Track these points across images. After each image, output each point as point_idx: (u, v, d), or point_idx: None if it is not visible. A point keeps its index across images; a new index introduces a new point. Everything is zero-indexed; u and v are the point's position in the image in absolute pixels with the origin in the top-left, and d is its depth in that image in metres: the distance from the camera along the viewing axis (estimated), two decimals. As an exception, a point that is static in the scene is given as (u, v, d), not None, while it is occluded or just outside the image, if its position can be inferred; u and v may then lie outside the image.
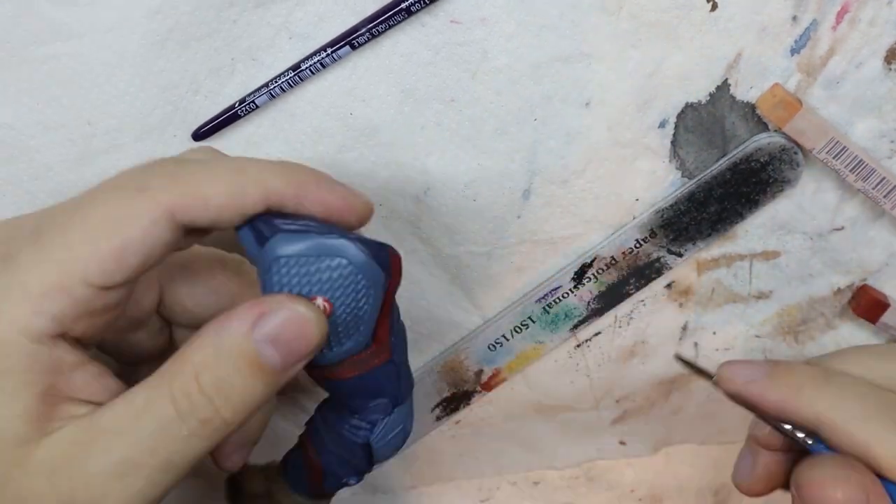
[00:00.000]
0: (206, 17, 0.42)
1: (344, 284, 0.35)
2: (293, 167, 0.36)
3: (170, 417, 0.33)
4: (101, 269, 0.33)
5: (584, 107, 0.45)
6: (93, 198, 0.34)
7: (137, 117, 0.43)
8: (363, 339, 0.37)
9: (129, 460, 0.32)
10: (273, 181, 0.34)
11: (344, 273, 0.35)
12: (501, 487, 0.58)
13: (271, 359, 0.33)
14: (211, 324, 0.34)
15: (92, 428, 0.33)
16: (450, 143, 0.45)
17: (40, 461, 0.33)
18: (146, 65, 0.42)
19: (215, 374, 0.33)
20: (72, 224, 0.33)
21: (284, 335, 0.33)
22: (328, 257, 0.34)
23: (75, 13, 0.41)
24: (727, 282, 0.50)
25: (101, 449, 0.33)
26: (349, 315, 0.35)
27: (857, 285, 0.50)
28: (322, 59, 0.42)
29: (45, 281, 0.32)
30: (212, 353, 0.33)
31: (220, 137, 0.44)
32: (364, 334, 0.36)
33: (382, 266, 0.36)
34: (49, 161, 0.44)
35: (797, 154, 0.45)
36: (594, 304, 0.50)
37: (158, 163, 0.35)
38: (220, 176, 0.34)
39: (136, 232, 0.33)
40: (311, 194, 0.35)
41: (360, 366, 0.37)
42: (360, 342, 0.37)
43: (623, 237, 0.48)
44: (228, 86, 0.44)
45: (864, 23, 0.43)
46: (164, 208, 0.33)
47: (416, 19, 0.42)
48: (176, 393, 0.33)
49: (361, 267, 0.35)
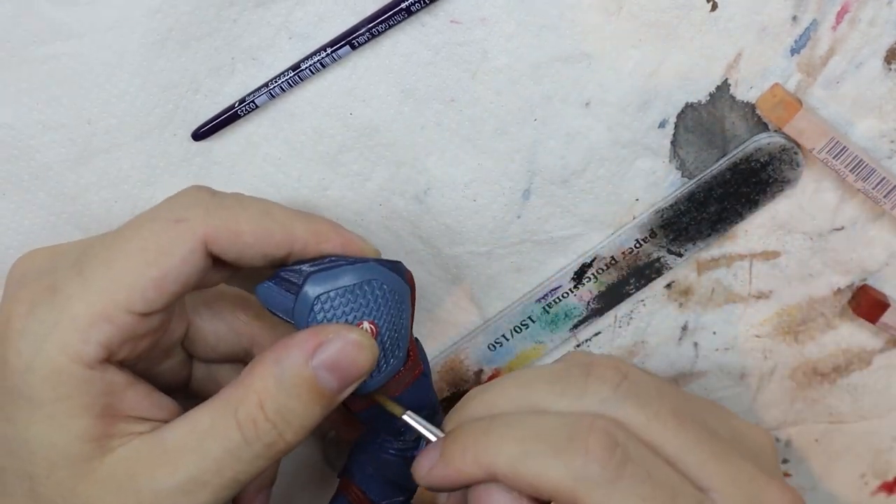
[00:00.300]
0: (206, 17, 0.42)
1: (383, 304, 0.37)
2: (311, 216, 0.38)
3: (237, 441, 0.35)
4: (143, 297, 0.35)
5: (584, 107, 0.45)
6: (132, 229, 0.37)
7: (137, 116, 0.43)
8: (402, 354, 0.39)
9: (196, 479, 0.35)
10: (297, 227, 0.37)
11: (380, 294, 0.37)
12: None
13: (329, 384, 0.36)
14: (269, 353, 0.36)
15: (157, 446, 0.36)
16: (450, 143, 0.45)
17: (106, 476, 0.35)
18: (146, 64, 0.42)
19: (278, 402, 0.36)
20: (113, 255, 0.36)
21: (341, 361, 0.36)
22: (364, 283, 0.37)
23: (75, 13, 0.41)
24: (727, 282, 0.50)
25: (168, 466, 0.35)
26: (392, 333, 0.38)
27: (857, 285, 0.50)
28: (322, 59, 0.42)
29: (92, 311, 0.35)
30: (273, 382, 0.36)
31: (220, 137, 0.44)
32: (403, 349, 0.38)
33: (405, 278, 0.38)
34: (49, 161, 0.44)
35: (797, 154, 0.45)
36: (594, 303, 0.50)
37: (193, 193, 0.38)
38: (251, 214, 0.37)
39: (174, 261, 0.36)
40: (329, 239, 0.38)
41: (401, 383, 0.39)
42: (401, 358, 0.39)
43: (623, 237, 0.48)
44: (228, 85, 0.44)
45: (864, 23, 0.43)
46: (198, 239, 0.36)
47: (415, 19, 0.42)
48: (242, 419, 0.35)
49: (393, 285, 0.37)
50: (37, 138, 0.43)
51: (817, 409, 0.54)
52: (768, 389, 0.53)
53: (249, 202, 0.38)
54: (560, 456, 0.33)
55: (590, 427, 0.34)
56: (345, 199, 0.46)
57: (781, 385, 0.53)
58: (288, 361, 0.36)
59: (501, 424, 0.35)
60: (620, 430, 0.34)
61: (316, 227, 0.38)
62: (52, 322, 0.35)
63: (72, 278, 0.35)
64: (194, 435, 0.36)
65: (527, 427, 0.35)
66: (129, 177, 0.45)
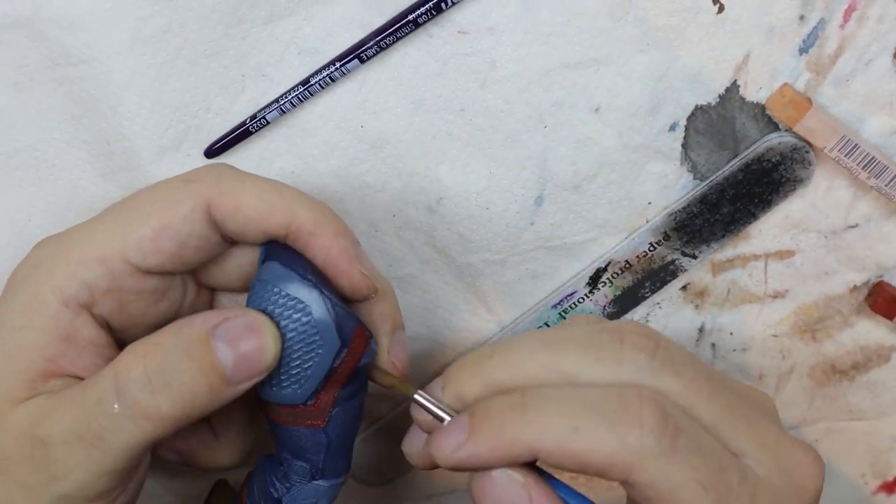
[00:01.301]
0: (214, 35, 0.42)
1: (300, 332, 0.36)
2: (322, 207, 0.38)
3: (107, 392, 0.33)
4: (139, 247, 0.36)
5: (594, 112, 0.45)
6: (149, 187, 0.38)
7: (151, 139, 0.44)
8: (302, 393, 0.37)
9: (70, 431, 0.34)
10: (301, 212, 0.37)
11: (303, 322, 0.35)
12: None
13: (223, 358, 0.34)
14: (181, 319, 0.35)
15: (54, 398, 0.35)
16: (461, 152, 0.45)
17: (13, 422, 0.35)
18: (157, 85, 0.43)
19: (164, 359, 0.34)
20: (120, 208, 0.37)
21: (241, 341, 0.34)
22: (298, 302, 0.35)
23: (83, 38, 0.42)
24: (742, 282, 0.50)
25: (54, 418, 0.34)
26: (295, 363, 0.36)
27: (873, 282, 0.50)
28: (331, 73, 0.43)
29: (86, 251, 0.36)
30: (170, 338, 0.34)
31: (233, 154, 0.45)
32: (304, 389, 0.36)
33: (342, 336, 0.36)
34: (74, 180, 0.44)
35: (808, 153, 0.45)
36: (610, 308, 0.50)
37: (213, 165, 0.39)
38: (258, 188, 0.37)
39: (175, 216, 0.36)
40: (323, 238, 0.37)
41: (291, 418, 0.37)
42: (298, 396, 0.37)
43: (637, 241, 0.48)
44: (239, 102, 0.44)
45: (873, 20, 0.43)
46: (203, 199, 0.36)
47: (423, 31, 0.43)
48: (119, 369, 0.34)
49: (319, 325, 0.35)
50: (61, 157, 0.44)
51: (837, 406, 0.54)
52: (787, 388, 0.53)
53: (261, 179, 0.38)
54: (614, 430, 0.32)
55: (639, 398, 0.32)
56: (358, 211, 0.47)
57: (800, 384, 0.53)
58: (189, 323, 0.35)
59: (542, 398, 0.33)
60: (666, 399, 0.33)
61: (317, 218, 0.37)
62: (49, 255, 0.36)
63: (80, 227, 0.37)
64: (81, 387, 0.35)
65: (572, 400, 0.33)
66: (146, 197, 0.45)
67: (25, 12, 0.41)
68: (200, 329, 0.34)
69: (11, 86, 0.43)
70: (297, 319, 0.35)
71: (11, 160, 0.44)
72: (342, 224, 0.38)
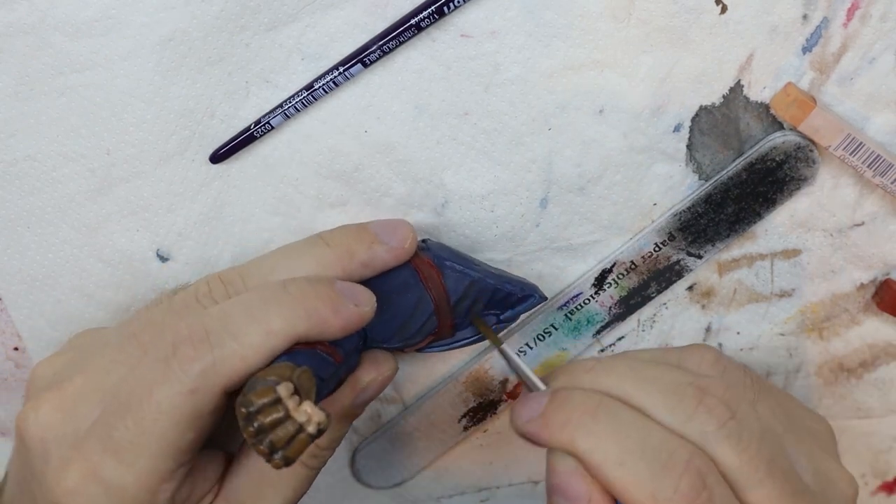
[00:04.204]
0: (218, 43, 0.42)
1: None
2: (314, 301, 0.38)
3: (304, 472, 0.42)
4: (187, 454, 0.37)
5: (598, 114, 0.45)
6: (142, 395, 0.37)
7: (155, 144, 0.44)
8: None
9: None
10: (299, 328, 0.37)
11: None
12: (501, 487, 0.58)
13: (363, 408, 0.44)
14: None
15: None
16: (465, 156, 0.45)
17: None
18: (161, 92, 0.43)
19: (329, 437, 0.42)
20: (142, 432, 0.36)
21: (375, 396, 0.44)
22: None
23: (90, 44, 0.42)
24: (749, 282, 0.50)
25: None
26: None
27: (880, 280, 0.50)
28: (334, 78, 0.43)
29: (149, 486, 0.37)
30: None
31: (238, 160, 0.45)
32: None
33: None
34: (71, 192, 0.44)
35: (812, 151, 0.45)
36: (616, 308, 0.50)
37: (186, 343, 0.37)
38: (252, 345, 0.37)
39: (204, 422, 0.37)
40: (329, 329, 0.38)
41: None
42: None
43: (642, 241, 0.48)
44: (243, 108, 0.44)
45: (876, 18, 0.43)
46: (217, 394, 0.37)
47: (426, 35, 0.43)
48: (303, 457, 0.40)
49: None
50: (58, 169, 0.44)
51: (845, 404, 0.54)
52: (795, 387, 0.53)
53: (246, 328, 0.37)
54: (652, 480, 0.35)
55: (686, 464, 0.35)
56: (364, 216, 0.47)
57: (808, 382, 0.53)
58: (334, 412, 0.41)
59: (609, 416, 0.37)
60: (712, 470, 0.36)
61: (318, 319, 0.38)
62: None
63: (112, 464, 0.37)
64: (264, 484, 0.41)
65: (633, 434, 0.36)
66: (150, 205, 0.45)
67: (30, 20, 0.41)
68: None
69: (13, 95, 0.43)
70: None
71: (11, 169, 0.44)
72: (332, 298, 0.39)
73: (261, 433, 0.33)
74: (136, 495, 0.37)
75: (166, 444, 0.36)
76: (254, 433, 0.33)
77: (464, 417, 0.53)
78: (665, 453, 0.35)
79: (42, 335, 0.49)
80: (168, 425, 0.36)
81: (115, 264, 0.46)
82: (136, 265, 0.47)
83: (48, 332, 0.49)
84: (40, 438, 0.38)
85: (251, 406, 0.33)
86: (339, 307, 0.39)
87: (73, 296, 0.47)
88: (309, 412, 0.33)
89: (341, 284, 0.40)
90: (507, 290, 0.45)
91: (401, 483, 0.56)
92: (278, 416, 0.33)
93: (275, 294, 0.38)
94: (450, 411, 0.53)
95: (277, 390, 0.33)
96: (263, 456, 0.33)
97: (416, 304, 0.43)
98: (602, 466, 0.36)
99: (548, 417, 0.37)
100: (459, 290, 0.44)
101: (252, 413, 0.33)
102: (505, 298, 0.45)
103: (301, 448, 0.33)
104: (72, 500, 0.37)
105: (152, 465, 0.36)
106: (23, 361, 0.50)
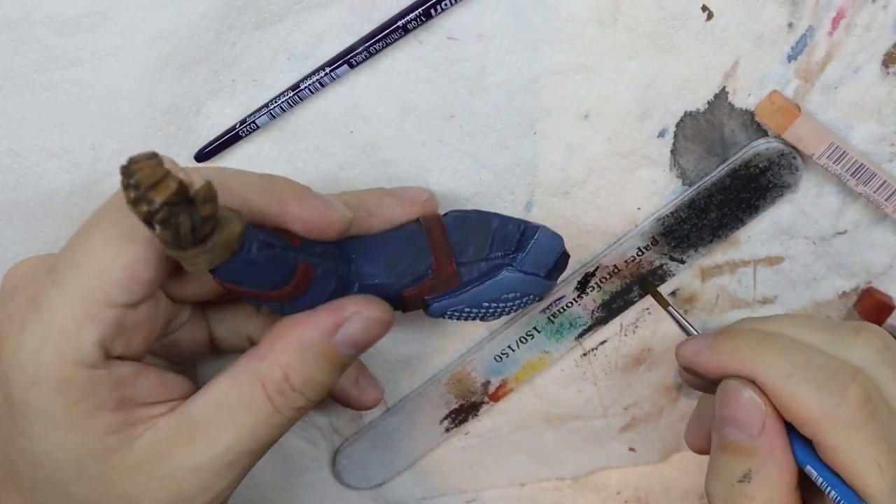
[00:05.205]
0: (205, 41, 0.42)
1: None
2: (274, 182, 0.38)
3: (268, 411, 0.38)
4: (120, 289, 0.35)
5: (584, 119, 0.45)
6: (93, 223, 0.36)
7: (141, 140, 0.44)
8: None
9: (233, 449, 0.37)
10: (257, 199, 0.37)
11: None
12: (482, 490, 0.58)
13: (349, 354, 0.39)
14: (291, 329, 0.38)
15: (185, 423, 0.37)
16: (450, 158, 0.45)
17: (139, 461, 0.37)
18: (148, 89, 0.43)
19: (303, 374, 0.38)
20: (81, 254, 0.36)
21: (361, 338, 0.39)
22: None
23: (76, 40, 0.42)
24: (731, 288, 0.50)
25: (203, 441, 0.37)
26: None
27: (861, 288, 0.51)
28: (321, 79, 0.43)
29: (75, 316, 0.35)
30: (297, 357, 0.38)
31: (223, 158, 0.45)
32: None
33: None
34: (55, 187, 0.44)
35: (795, 159, 0.45)
36: (598, 312, 0.50)
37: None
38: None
39: (139, 248, 0.35)
40: (291, 212, 0.37)
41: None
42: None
43: (625, 246, 0.48)
44: (229, 107, 0.44)
45: (861, 27, 0.43)
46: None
47: (413, 37, 0.43)
48: (271, 392, 0.38)
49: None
50: (41, 165, 0.44)
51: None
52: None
53: (204, 172, 0.36)
54: (821, 389, 0.37)
55: (853, 375, 0.37)
56: (348, 216, 0.47)
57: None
58: (310, 339, 0.38)
59: (776, 341, 0.39)
60: (876, 388, 0.37)
61: (279, 198, 0.37)
62: (43, 334, 0.35)
63: (48, 288, 0.36)
64: (224, 409, 0.38)
65: (799, 353, 0.38)
66: (134, 200, 0.45)
67: (14, 15, 0.41)
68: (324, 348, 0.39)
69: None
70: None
71: (-6, 162, 0.44)
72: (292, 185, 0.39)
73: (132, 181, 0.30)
74: (61, 323, 0.35)
75: (96, 265, 0.35)
76: (126, 183, 0.30)
77: (445, 419, 0.53)
78: (831, 369, 0.37)
79: (24, 330, 0.49)
80: (100, 241, 0.35)
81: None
82: (119, 261, 0.47)
83: (30, 328, 0.49)
84: (10, 284, 0.39)
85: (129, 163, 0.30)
86: (305, 197, 0.38)
87: (56, 291, 0.47)
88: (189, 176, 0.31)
89: (320, 193, 0.39)
90: (510, 227, 0.42)
91: (381, 484, 0.56)
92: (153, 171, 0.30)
93: (245, 171, 0.38)
94: (431, 413, 0.53)
95: (158, 155, 0.31)
96: (132, 205, 0.30)
97: (408, 236, 0.41)
98: (772, 381, 0.37)
99: (717, 346, 0.40)
100: (457, 223, 0.42)
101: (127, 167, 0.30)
102: (509, 236, 0.42)
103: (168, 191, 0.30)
104: (8, 326, 0.36)
105: (80, 288, 0.35)
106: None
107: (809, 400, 0.37)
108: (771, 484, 0.38)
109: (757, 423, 0.38)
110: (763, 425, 0.38)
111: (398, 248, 0.41)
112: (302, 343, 0.38)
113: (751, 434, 0.38)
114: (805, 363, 0.38)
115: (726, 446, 0.39)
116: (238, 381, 0.38)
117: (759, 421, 0.38)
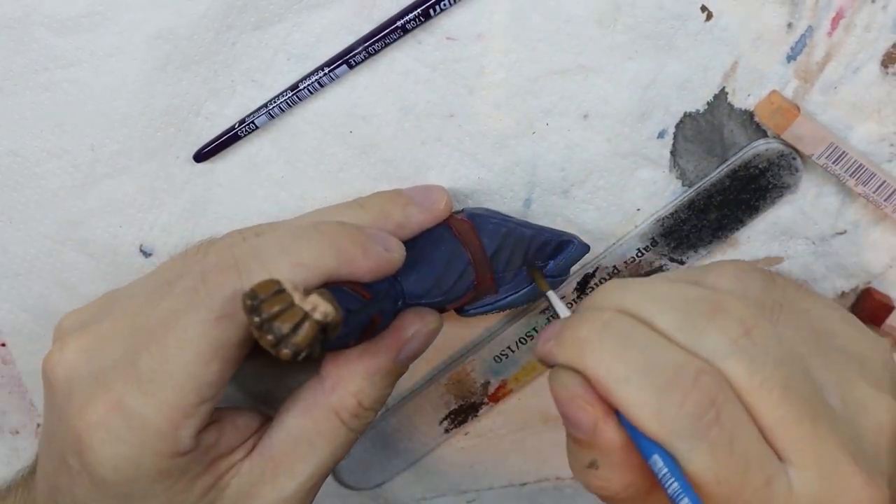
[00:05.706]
0: (204, 41, 0.42)
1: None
2: (337, 240, 0.38)
3: (345, 435, 0.41)
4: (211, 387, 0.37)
5: (583, 119, 0.45)
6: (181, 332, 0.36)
7: (140, 140, 0.44)
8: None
9: (315, 475, 0.40)
10: (328, 264, 0.37)
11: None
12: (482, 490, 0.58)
13: (409, 364, 0.43)
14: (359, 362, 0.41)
15: (267, 462, 0.40)
16: (450, 158, 0.45)
17: None
18: (147, 89, 0.43)
19: (373, 396, 0.41)
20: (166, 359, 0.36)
21: (421, 350, 0.43)
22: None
23: (75, 40, 0.42)
24: (731, 288, 0.50)
25: (286, 474, 0.40)
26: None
27: (861, 289, 0.50)
28: (320, 79, 0.43)
29: (172, 418, 0.36)
30: (367, 384, 0.41)
31: (223, 159, 0.45)
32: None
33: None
34: (54, 187, 0.44)
35: (795, 159, 0.45)
36: (599, 313, 0.50)
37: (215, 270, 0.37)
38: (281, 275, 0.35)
39: (231, 352, 0.37)
40: (360, 269, 0.38)
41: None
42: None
43: (625, 247, 0.48)
44: (229, 107, 0.44)
45: (860, 28, 0.43)
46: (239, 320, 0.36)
47: (411, 37, 0.43)
48: (345, 418, 0.40)
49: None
50: (41, 165, 0.44)
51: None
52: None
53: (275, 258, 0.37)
54: (659, 396, 0.33)
55: (694, 381, 0.34)
56: (348, 216, 0.47)
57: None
58: (378, 366, 0.41)
59: (617, 333, 0.35)
60: (723, 389, 0.34)
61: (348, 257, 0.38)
62: (140, 441, 0.36)
63: (136, 397, 0.36)
64: (303, 443, 0.40)
65: (639, 351, 0.35)
66: (135, 201, 0.45)
67: (14, 15, 0.41)
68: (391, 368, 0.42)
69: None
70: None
71: (-6, 162, 0.44)
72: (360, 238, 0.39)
73: (266, 322, 0.31)
74: (158, 428, 0.36)
75: (190, 373, 0.36)
76: (259, 324, 0.31)
77: (445, 419, 0.53)
78: (672, 371, 0.34)
79: (24, 330, 0.49)
80: (193, 353, 0.35)
81: (98, 259, 0.46)
82: (119, 260, 0.47)
83: (31, 327, 0.49)
84: (66, 378, 0.38)
85: (255, 298, 0.32)
86: (368, 248, 0.39)
87: (56, 290, 0.47)
88: (314, 301, 0.32)
89: (371, 230, 0.40)
90: (544, 237, 0.45)
91: (381, 484, 0.56)
92: (283, 306, 0.32)
93: (306, 231, 0.38)
94: (431, 413, 0.53)
95: (281, 283, 0.32)
96: (271, 347, 0.31)
97: (451, 256, 0.44)
98: (607, 383, 0.34)
99: (561, 336, 0.37)
100: (495, 240, 0.44)
101: (256, 305, 0.31)
102: (543, 246, 0.46)
103: (310, 335, 0.31)
104: (94, 434, 0.36)
105: (175, 396, 0.36)
106: (5, 357, 0.50)
107: (647, 408, 0.33)
108: (620, 469, 0.36)
109: (588, 423, 0.35)
110: (595, 426, 0.35)
111: (440, 266, 0.43)
112: (370, 371, 0.41)
113: (584, 432, 0.35)
114: (644, 366, 0.34)
115: (569, 435, 0.37)
116: (314, 416, 0.40)
117: (590, 421, 0.35)
